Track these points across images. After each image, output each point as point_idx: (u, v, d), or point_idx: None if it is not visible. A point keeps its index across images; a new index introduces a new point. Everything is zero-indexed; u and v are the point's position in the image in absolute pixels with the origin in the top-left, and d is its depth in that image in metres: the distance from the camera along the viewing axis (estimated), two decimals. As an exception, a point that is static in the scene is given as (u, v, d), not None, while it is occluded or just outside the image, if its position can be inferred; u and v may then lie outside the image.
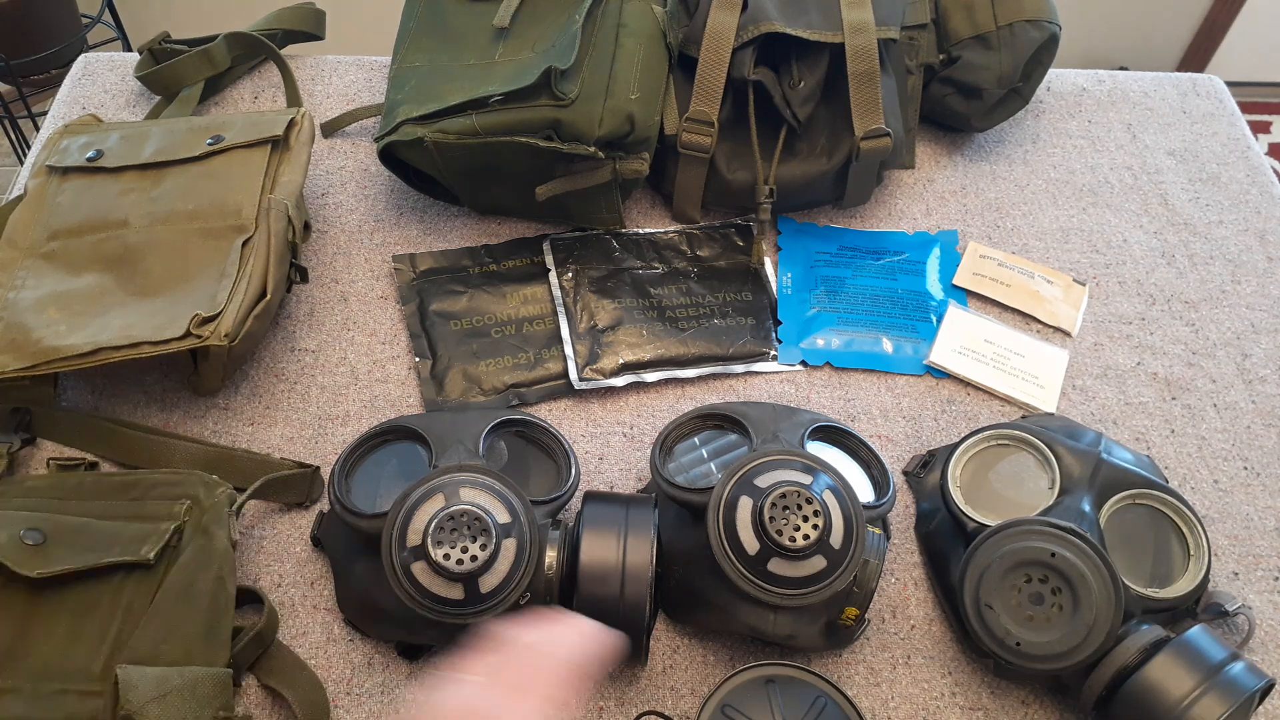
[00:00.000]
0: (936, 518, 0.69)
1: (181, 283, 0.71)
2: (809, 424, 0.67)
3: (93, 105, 0.94)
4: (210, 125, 0.80)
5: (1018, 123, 0.98)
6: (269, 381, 0.77)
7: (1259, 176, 0.96)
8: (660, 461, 0.66)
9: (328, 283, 0.83)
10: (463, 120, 0.76)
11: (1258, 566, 0.71)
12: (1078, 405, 0.79)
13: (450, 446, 0.62)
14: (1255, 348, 0.83)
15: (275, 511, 0.70)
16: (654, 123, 0.80)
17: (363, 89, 0.97)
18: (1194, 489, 0.75)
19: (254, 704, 0.62)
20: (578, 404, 0.77)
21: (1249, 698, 0.56)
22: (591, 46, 0.79)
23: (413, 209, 0.88)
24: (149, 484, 0.65)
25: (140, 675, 0.55)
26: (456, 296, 0.81)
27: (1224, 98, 1.03)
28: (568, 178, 0.79)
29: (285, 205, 0.74)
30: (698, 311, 0.82)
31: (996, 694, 0.65)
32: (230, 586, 0.61)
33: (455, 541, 0.56)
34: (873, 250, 0.87)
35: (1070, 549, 0.59)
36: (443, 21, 0.85)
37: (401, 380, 0.77)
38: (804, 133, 0.84)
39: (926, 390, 0.79)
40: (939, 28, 0.90)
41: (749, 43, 0.81)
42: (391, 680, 0.64)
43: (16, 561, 0.59)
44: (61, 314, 0.69)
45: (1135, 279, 0.87)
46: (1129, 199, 0.93)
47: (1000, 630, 0.60)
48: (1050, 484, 0.65)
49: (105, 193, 0.76)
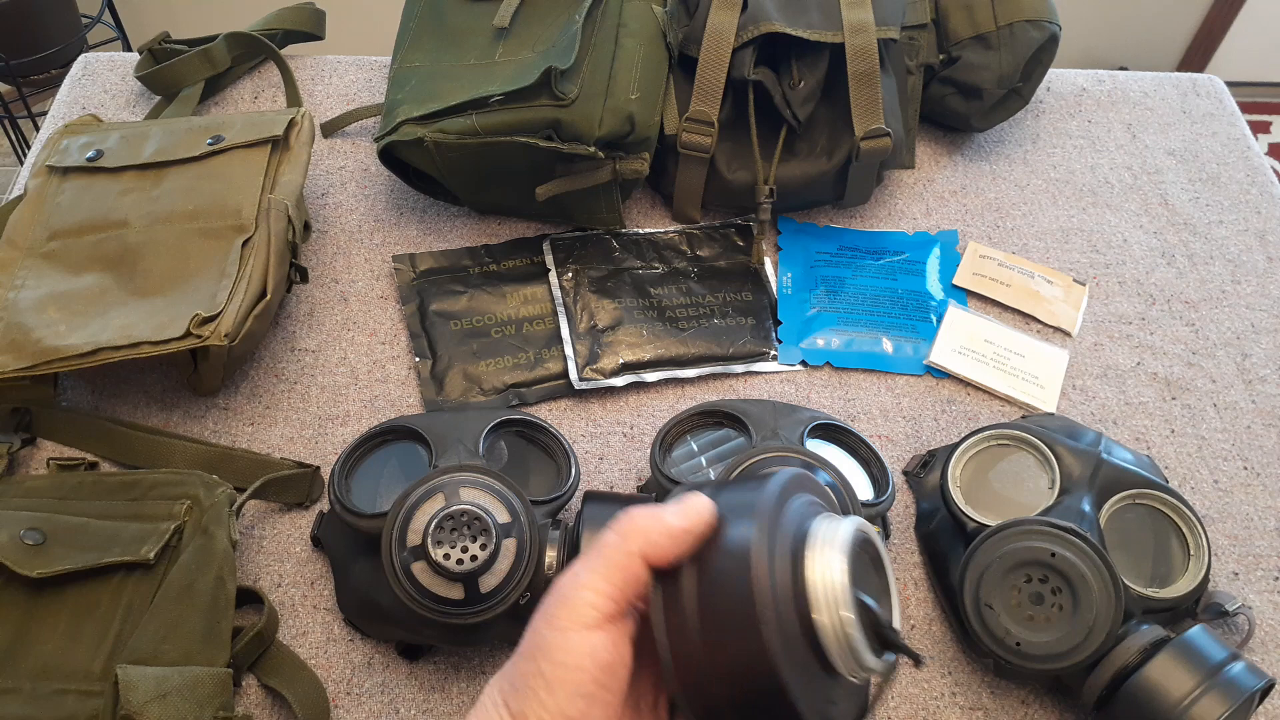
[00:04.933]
0: (936, 518, 0.69)
1: (181, 283, 0.71)
2: (809, 422, 0.67)
3: (93, 105, 0.94)
4: (210, 125, 0.80)
5: (1018, 123, 0.98)
6: (269, 381, 0.77)
7: (1259, 176, 0.96)
8: (660, 458, 0.66)
9: (328, 283, 0.83)
10: (463, 120, 0.76)
11: (1258, 566, 0.71)
12: (1078, 405, 0.79)
13: (450, 446, 0.62)
14: (1255, 348, 0.83)
15: (275, 511, 0.70)
16: (654, 123, 0.80)
17: (363, 89, 0.97)
18: (1194, 489, 0.75)
19: (254, 704, 0.62)
20: (578, 404, 0.77)
21: (1249, 697, 0.56)
22: (591, 46, 0.79)
23: (413, 209, 0.88)
24: (149, 484, 0.65)
25: (140, 675, 0.55)
26: (456, 296, 0.81)
27: (1224, 98, 1.03)
28: (568, 178, 0.79)
29: (285, 205, 0.74)
30: (698, 311, 0.82)
31: (996, 694, 0.65)
32: (230, 586, 0.61)
33: (455, 541, 0.56)
34: (873, 250, 0.87)
35: (1070, 549, 0.59)
36: (443, 21, 0.85)
37: (401, 380, 0.77)
38: (804, 133, 0.84)
39: (926, 390, 0.79)
40: (939, 28, 0.90)
41: (749, 43, 0.81)
42: (391, 680, 0.64)
43: (16, 561, 0.59)
44: (61, 314, 0.69)
45: (1135, 279, 0.87)
46: (1129, 199, 0.93)
47: (1000, 630, 0.60)
48: (1050, 484, 0.65)
49: (105, 193, 0.76)
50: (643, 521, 0.35)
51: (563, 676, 0.34)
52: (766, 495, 0.35)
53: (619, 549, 0.35)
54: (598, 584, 0.34)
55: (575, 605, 0.34)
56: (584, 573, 0.35)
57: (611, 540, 0.35)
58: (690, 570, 0.34)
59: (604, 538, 0.35)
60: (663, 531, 0.35)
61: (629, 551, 0.35)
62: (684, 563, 0.35)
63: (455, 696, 0.63)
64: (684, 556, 0.35)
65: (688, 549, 0.35)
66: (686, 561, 0.35)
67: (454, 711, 0.63)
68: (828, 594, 0.33)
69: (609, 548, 0.35)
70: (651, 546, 0.35)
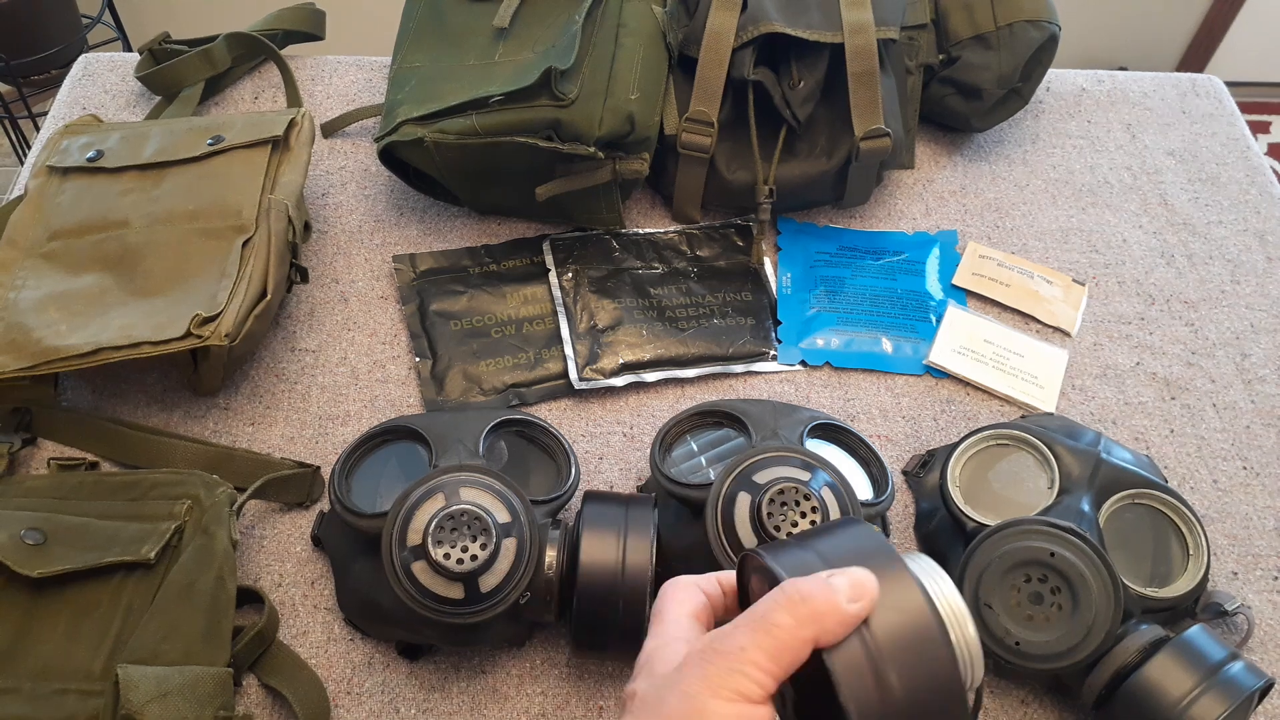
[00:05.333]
0: (936, 517, 0.69)
1: (182, 283, 0.71)
2: (808, 421, 0.67)
3: (93, 105, 0.94)
4: (210, 125, 0.80)
5: (1017, 123, 0.98)
6: (269, 381, 0.77)
7: (1258, 177, 0.96)
8: (660, 458, 0.66)
9: (328, 283, 0.83)
10: (463, 120, 0.76)
11: (1257, 566, 0.71)
12: (1077, 405, 0.79)
13: (450, 446, 0.62)
14: (1254, 348, 0.83)
15: (275, 511, 0.70)
16: (654, 123, 0.80)
17: (363, 89, 0.97)
18: (1193, 489, 0.75)
19: (254, 703, 0.62)
20: (578, 404, 0.77)
21: (1248, 697, 0.56)
22: (591, 47, 0.79)
23: (413, 209, 0.88)
24: (149, 484, 0.66)
25: (140, 675, 0.55)
26: (456, 296, 0.81)
27: (1223, 98, 1.03)
28: (568, 178, 0.79)
29: (285, 205, 0.74)
30: (697, 311, 0.82)
31: (996, 694, 0.65)
32: (230, 586, 0.61)
33: (455, 541, 0.56)
34: (872, 250, 0.87)
35: (1070, 549, 0.59)
36: (443, 22, 0.85)
37: (402, 380, 0.77)
38: (804, 133, 0.84)
39: (926, 390, 0.79)
40: (939, 28, 0.90)
41: (749, 43, 0.81)
42: (391, 680, 0.64)
43: (17, 561, 0.59)
44: (62, 314, 0.69)
45: (1134, 279, 0.87)
46: (1128, 199, 0.93)
47: (1000, 630, 0.60)
48: (1049, 484, 0.65)
49: (106, 193, 0.76)
50: (819, 605, 0.34)
51: None
52: (879, 545, 0.36)
53: (793, 634, 0.34)
54: (765, 663, 0.34)
55: (744, 681, 0.34)
56: (752, 649, 0.34)
57: (785, 624, 0.34)
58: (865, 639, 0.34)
59: (775, 617, 0.34)
60: (841, 622, 0.34)
61: (805, 640, 0.34)
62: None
63: (455, 696, 0.63)
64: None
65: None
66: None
67: (454, 711, 0.63)
68: (961, 616, 0.35)
69: (782, 630, 0.34)
70: (826, 634, 0.34)
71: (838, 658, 0.34)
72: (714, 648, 0.35)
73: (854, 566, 0.35)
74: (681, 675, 0.35)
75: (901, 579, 0.34)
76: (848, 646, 0.34)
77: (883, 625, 0.34)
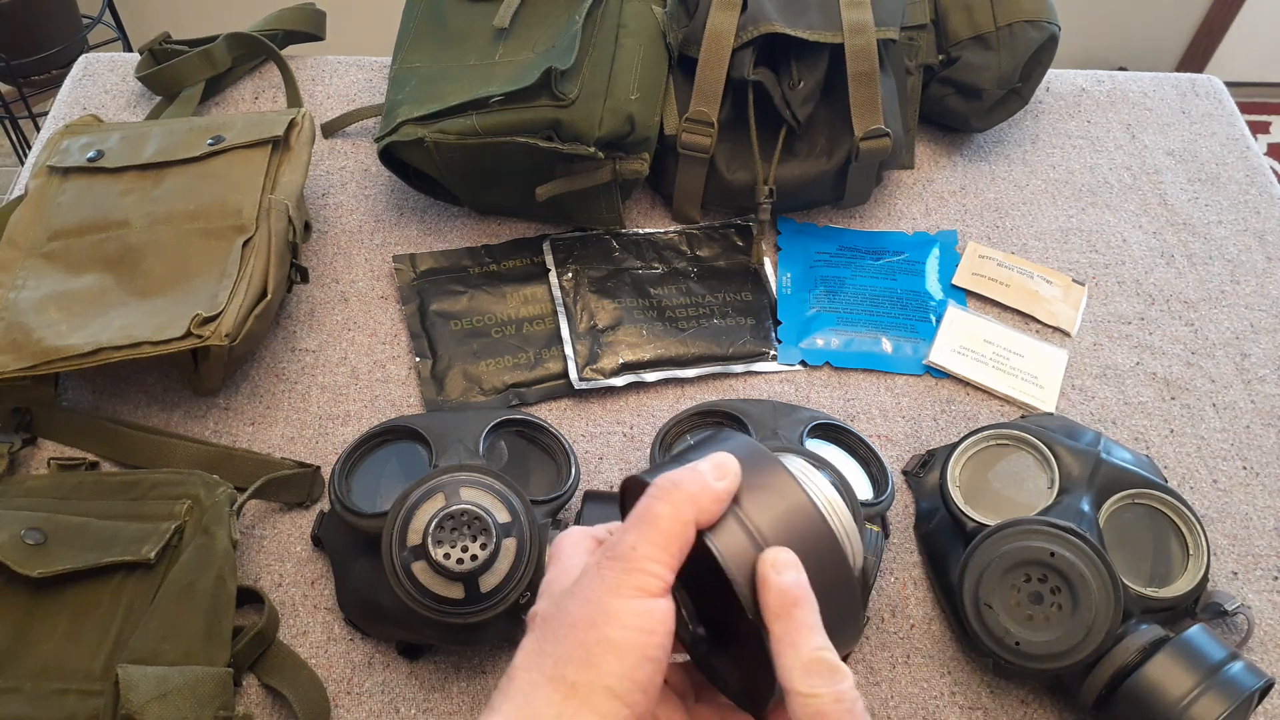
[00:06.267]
0: (936, 517, 0.69)
1: (182, 283, 0.71)
2: (808, 421, 0.67)
3: (93, 106, 0.94)
4: (211, 125, 0.80)
5: (1017, 123, 0.98)
6: (269, 381, 0.77)
7: (1258, 177, 0.96)
8: (660, 458, 0.66)
9: (328, 283, 0.83)
10: (463, 121, 0.76)
11: (1257, 566, 0.71)
12: (1077, 405, 0.79)
13: (450, 446, 0.63)
14: (1254, 348, 0.83)
15: (276, 511, 0.71)
16: (654, 123, 0.80)
17: (363, 89, 0.97)
18: (1193, 489, 0.75)
19: (254, 703, 0.62)
20: (578, 404, 0.77)
21: (1248, 697, 0.56)
22: (591, 47, 0.79)
23: (413, 209, 0.88)
24: (149, 484, 0.66)
25: (141, 675, 0.55)
26: (456, 296, 0.81)
27: (1223, 98, 1.03)
28: (568, 178, 0.79)
29: (286, 205, 0.74)
30: (697, 311, 0.82)
31: (996, 693, 0.65)
32: (231, 586, 0.61)
33: (455, 541, 0.56)
34: (872, 250, 0.87)
35: (1069, 548, 0.59)
36: (443, 22, 0.85)
37: (402, 380, 0.77)
38: (804, 133, 0.84)
39: (926, 390, 0.79)
40: (938, 28, 0.90)
41: (749, 43, 0.81)
42: (391, 680, 0.64)
43: (17, 561, 0.59)
44: (62, 314, 0.69)
45: (1134, 279, 0.88)
46: (1128, 199, 0.93)
47: (999, 629, 0.60)
48: (1049, 484, 0.65)
49: (106, 193, 0.76)
50: (690, 488, 0.35)
51: (634, 641, 0.34)
52: (749, 443, 0.38)
53: (675, 520, 0.35)
54: (657, 554, 0.35)
55: (640, 575, 0.34)
56: (642, 545, 0.35)
57: (665, 512, 0.35)
58: (740, 516, 0.36)
59: (654, 508, 0.35)
60: (713, 498, 0.35)
61: (685, 521, 0.35)
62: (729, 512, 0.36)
63: (455, 696, 0.64)
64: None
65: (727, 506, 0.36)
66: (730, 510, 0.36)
67: (454, 711, 0.63)
68: (836, 506, 0.38)
69: (665, 520, 0.35)
70: (703, 513, 0.35)
71: (717, 535, 0.35)
72: (606, 555, 0.36)
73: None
74: (580, 585, 0.36)
75: (774, 469, 0.37)
76: (725, 525, 0.35)
77: (756, 504, 0.36)
